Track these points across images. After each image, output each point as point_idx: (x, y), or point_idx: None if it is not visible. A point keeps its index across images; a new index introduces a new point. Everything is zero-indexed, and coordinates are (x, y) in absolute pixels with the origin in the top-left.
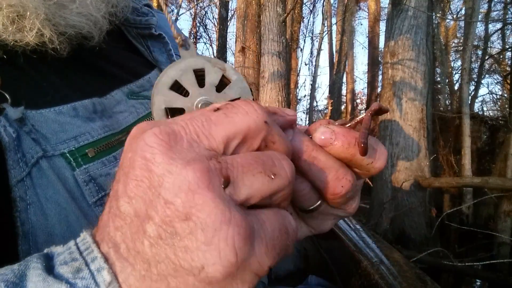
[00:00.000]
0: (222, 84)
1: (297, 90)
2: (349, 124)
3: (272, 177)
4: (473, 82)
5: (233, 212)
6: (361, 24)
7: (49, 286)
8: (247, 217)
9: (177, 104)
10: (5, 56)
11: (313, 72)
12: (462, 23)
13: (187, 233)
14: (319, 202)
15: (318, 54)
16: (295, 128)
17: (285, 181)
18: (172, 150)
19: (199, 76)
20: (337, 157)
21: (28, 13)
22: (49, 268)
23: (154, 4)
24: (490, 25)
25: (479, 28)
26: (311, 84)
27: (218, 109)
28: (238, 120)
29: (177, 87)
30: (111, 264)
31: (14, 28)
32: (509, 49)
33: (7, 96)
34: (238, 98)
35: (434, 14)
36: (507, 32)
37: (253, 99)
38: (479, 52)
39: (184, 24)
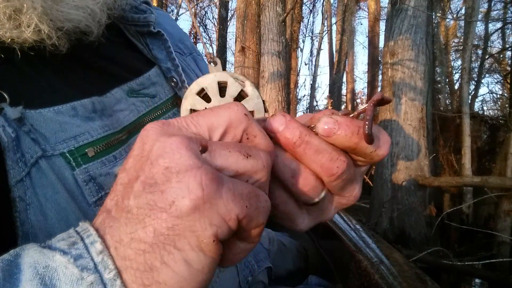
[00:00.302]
0: (240, 97)
1: (297, 90)
2: (352, 114)
3: (247, 157)
4: (473, 82)
5: (204, 164)
6: (361, 24)
7: (44, 255)
8: (217, 171)
9: (199, 107)
10: (2, 55)
11: (313, 71)
12: (462, 23)
13: (164, 180)
14: (323, 193)
15: (318, 53)
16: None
17: (259, 164)
18: (164, 130)
19: (222, 88)
20: (340, 147)
21: (25, 7)
22: (45, 246)
23: (154, 3)
24: (490, 25)
25: (479, 28)
26: (311, 84)
27: (205, 108)
28: (220, 112)
29: (203, 94)
30: (101, 229)
31: (11, 24)
32: (509, 49)
33: (5, 95)
34: (252, 112)
35: (433, 13)
36: (507, 31)
37: (266, 114)
38: (479, 52)
39: (184, 24)
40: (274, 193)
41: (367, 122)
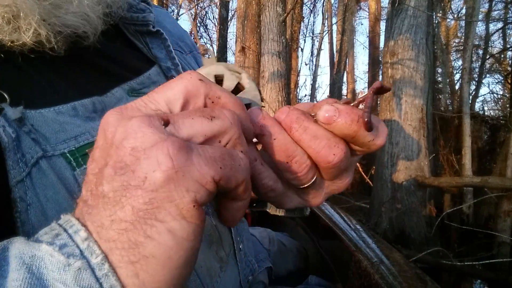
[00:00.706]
0: (238, 89)
1: (298, 90)
2: (353, 103)
3: (212, 119)
4: (474, 82)
5: (169, 136)
6: (362, 24)
7: (30, 245)
8: (184, 141)
9: None
10: (2, 55)
11: (314, 72)
12: (462, 23)
13: (133, 160)
14: (314, 179)
15: (318, 53)
16: (290, 108)
17: (226, 123)
18: (122, 114)
19: (219, 81)
20: (340, 134)
21: (22, 14)
22: (32, 240)
23: (155, 3)
24: (491, 25)
25: (480, 28)
26: (312, 84)
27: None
28: (174, 85)
29: None
30: (81, 217)
31: (10, 28)
32: (510, 49)
33: (5, 96)
34: (249, 104)
35: (433, 13)
36: (508, 31)
37: (263, 106)
38: (480, 52)
39: (185, 24)
40: (264, 172)
41: (366, 110)
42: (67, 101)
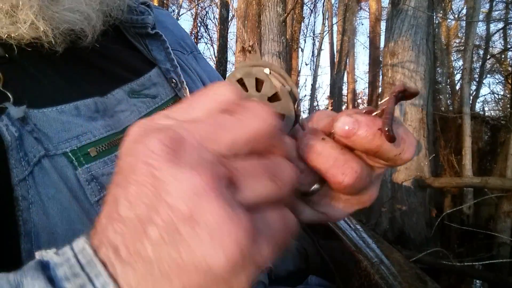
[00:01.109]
0: (276, 97)
1: (298, 90)
2: (376, 112)
3: (273, 180)
4: (474, 82)
5: (237, 212)
6: (362, 24)
7: None
8: (252, 218)
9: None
10: (7, 55)
11: (314, 72)
12: (463, 23)
13: (190, 233)
14: (314, 186)
15: (319, 54)
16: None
17: (287, 182)
18: (176, 156)
19: (259, 81)
20: (361, 149)
21: (21, 4)
22: (51, 280)
23: (155, 3)
24: (491, 25)
25: (481, 28)
26: (312, 84)
27: (226, 110)
28: (248, 124)
29: (243, 82)
30: (111, 268)
31: (7, 19)
32: (511, 49)
33: (9, 95)
34: (283, 115)
35: (434, 14)
36: (509, 31)
37: (296, 120)
38: (481, 52)
39: (185, 24)
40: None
41: (387, 118)
42: (70, 101)
